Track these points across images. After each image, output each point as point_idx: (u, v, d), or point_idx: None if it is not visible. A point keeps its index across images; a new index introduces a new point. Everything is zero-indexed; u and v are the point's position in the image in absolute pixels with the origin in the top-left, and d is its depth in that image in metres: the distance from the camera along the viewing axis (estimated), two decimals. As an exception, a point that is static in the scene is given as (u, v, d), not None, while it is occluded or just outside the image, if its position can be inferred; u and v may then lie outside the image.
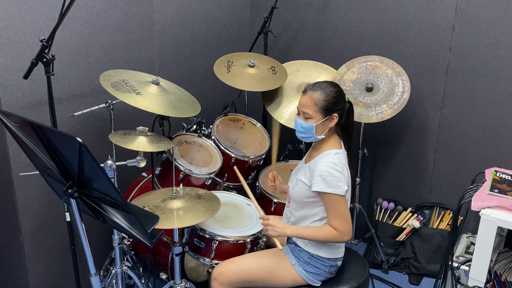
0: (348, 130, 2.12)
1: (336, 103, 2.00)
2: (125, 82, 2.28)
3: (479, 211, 2.08)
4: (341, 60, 2.98)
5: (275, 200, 2.60)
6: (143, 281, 2.48)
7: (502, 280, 2.38)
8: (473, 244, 2.65)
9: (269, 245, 2.36)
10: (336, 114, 2.01)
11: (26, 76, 1.94)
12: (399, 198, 3.20)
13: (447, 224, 3.00)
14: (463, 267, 2.45)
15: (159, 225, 1.89)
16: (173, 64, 3.00)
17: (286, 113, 2.84)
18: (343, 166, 1.99)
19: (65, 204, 2.23)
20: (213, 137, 2.66)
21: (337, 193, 1.95)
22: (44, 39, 1.91)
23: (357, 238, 3.17)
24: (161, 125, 2.31)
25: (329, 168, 1.95)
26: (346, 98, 2.07)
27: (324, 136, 2.04)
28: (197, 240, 2.26)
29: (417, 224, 3.00)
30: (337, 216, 1.98)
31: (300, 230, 2.06)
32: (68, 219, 2.23)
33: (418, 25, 2.89)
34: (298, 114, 2.06)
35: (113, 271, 2.34)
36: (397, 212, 3.16)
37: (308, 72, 3.00)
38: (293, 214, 2.15)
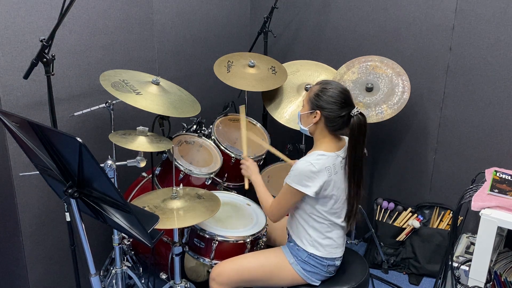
0: (351, 142, 1.98)
1: (324, 102, 1.96)
2: (125, 82, 2.28)
3: (479, 211, 2.08)
4: (341, 60, 2.98)
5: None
6: (143, 281, 2.48)
7: (502, 280, 2.38)
8: (473, 244, 2.65)
9: (269, 245, 2.36)
10: (318, 112, 1.98)
11: (26, 76, 1.94)
12: (399, 198, 3.20)
13: (447, 224, 3.00)
14: (463, 267, 2.45)
15: (159, 225, 1.89)
16: (173, 64, 3.00)
17: (286, 113, 2.84)
18: (322, 168, 1.95)
19: (65, 204, 2.23)
20: (213, 137, 2.66)
21: (298, 189, 1.97)
22: (44, 39, 1.91)
23: (357, 238, 3.17)
24: (161, 125, 2.31)
25: (303, 166, 1.96)
26: (354, 111, 1.95)
27: (307, 129, 2.06)
28: (197, 240, 2.26)
29: (417, 224, 3.00)
30: (278, 199, 2.10)
31: (259, 183, 2.26)
32: (68, 219, 2.23)
33: (418, 25, 2.89)
34: None
35: (113, 271, 2.34)
36: (397, 212, 3.16)
37: (308, 72, 3.00)
38: None
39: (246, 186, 2.38)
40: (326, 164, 1.97)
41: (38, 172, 1.73)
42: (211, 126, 2.73)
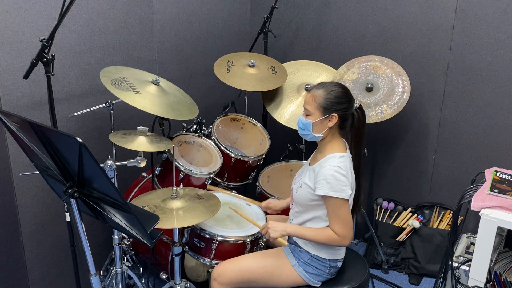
0: (357, 135, 2.07)
1: (336, 103, 1.99)
2: (125, 80, 2.28)
3: (479, 211, 2.08)
4: (341, 60, 2.98)
5: (273, 197, 2.60)
6: (143, 281, 2.48)
7: (502, 280, 2.38)
8: (473, 244, 2.65)
9: (269, 245, 2.36)
10: (335, 115, 1.99)
11: (26, 76, 1.94)
12: (399, 198, 3.20)
13: (447, 224, 3.00)
14: (463, 267, 2.44)
15: (159, 225, 1.89)
16: (173, 64, 3.00)
17: (286, 113, 2.84)
18: (347, 170, 1.98)
19: (65, 204, 2.23)
20: (213, 137, 2.66)
21: (341, 197, 1.94)
22: (44, 39, 1.91)
23: (357, 238, 3.17)
24: (161, 125, 2.31)
25: (334, 172, 1.94)
26: (356, 104, 2.04)
27: (322, 135, 2.03)
28: (197, 240, 2.26)
29: (417, 224, 3.00)
30: (339, 220, 1.97)
31: (300, 230, 2.07)
32: (68, 219, 2.23)
33: (418, 25, 2.89)
34: (303, 111, 2.08)
35: (113, 271, 2.34)
36: (397, 212, 3.16)
37: (308, 72, 3.00)
38: (295, 216, 2.15)
39: (286, 244, 2.13)
40: (348, 164, 2.01)
41: (38, 172, 1.73)
42: (211, 126, 2.73)
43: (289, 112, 2.84)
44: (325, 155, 2.04)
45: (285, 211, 2.35)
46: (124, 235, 2.37)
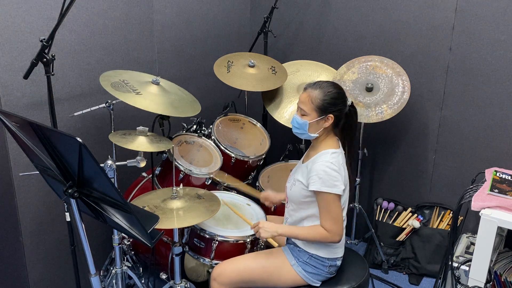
0: (349, 133, 2.12)
1: (333, 104, 2.00)
2: (125, 82, 2.28)
3: (479, 211, 2.08)
4: (341, 60, 2.98)
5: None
6: (143, 281, 2.48)
7: (502, 280, 2.38)
8: (473, 244, 2.65)
9: (269, 245, 2.36)
10: (331, 115, 2.00)
11: (26, 76, 1.94)
12: (399, 198, 3.20)
13: (447, 224, 3.00)
14: (463, 267, 2.45)
15: (159, 225, 1.89)
16: (173, 64, 3.00)
17: (286, 113, 2.84)
18: (340, 166, 2.00)
19: (65, 204, 2.23)
20: (213, 137, 2.66)
21: (333, 192, 1.95)
22: (44, 39, 1.91)
23: (357, 238, 3.17)
24: (161, 125, 2.32)
25: (325, 167, 1.95)
26: (349, 102, 2.06)
27: (317, 135, 2.05)
28: (197, 240, 2.26)
29: (417, 224, 3.00)
30: (329, 217, 1.98)
31: (291, 230, 2.09)
32: (68, 219, 2.23)
33: (418, 25, 2.89)
34: (298, 110, 2.08)
35: (113, 271, 2.34)
36: (397, 212, 3.16)
37: (308, 72, 3.00)
38: (291, 215, 2.15)
39: (276, 245, 2.15)
40: (340, 160, 2.02)
41: (38, 172, 1.73)
42: (211, 126, 2.73)
43: (289, 112, 2.83)
44: (318, 151, 2.06)
45: (282, 207, 2.35)
46: (124, 235, 2.37)
